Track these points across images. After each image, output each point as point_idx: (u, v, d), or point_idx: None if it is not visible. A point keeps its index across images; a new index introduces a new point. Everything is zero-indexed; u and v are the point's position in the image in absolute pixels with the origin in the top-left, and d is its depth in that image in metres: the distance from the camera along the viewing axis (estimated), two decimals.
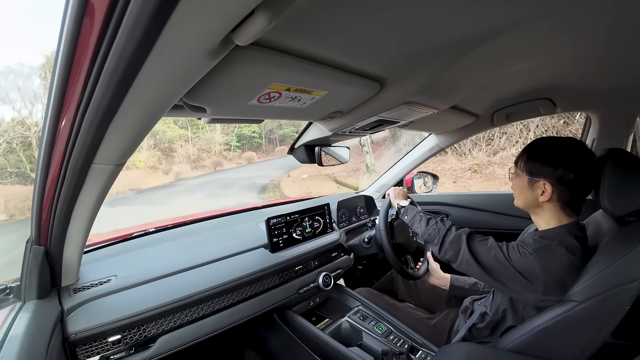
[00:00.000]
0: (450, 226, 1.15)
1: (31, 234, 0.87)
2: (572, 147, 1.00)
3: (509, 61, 0.95)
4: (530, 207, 1.08)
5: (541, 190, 1.01)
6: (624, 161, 0.96)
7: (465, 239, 1.07)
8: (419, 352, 1.34)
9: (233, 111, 0.85)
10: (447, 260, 1.11)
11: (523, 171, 1.05)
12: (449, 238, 1.10)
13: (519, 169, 1.08)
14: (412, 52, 0.79)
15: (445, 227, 1.15)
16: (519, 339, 0.99)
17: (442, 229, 1.14)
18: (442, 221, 1.18)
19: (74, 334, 0.91)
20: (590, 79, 1.20)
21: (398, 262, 1.51)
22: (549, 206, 1.03)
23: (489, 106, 1.56)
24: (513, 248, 1.00)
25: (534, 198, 1.03)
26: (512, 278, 0.97)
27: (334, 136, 1.40)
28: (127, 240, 1.38)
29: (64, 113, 0.54)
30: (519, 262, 0.96)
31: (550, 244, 0.96)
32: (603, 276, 0.89)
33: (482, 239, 1.07)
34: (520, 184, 1.07)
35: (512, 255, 0.98)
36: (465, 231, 1.10)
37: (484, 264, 1.01)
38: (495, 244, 1.03)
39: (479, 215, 2.07)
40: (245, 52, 0.60)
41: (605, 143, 1.55)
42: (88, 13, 0.38)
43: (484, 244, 1.04)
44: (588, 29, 0.77)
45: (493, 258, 1.00)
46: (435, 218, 1.21)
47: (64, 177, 0.67)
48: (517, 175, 1.08)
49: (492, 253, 1.01)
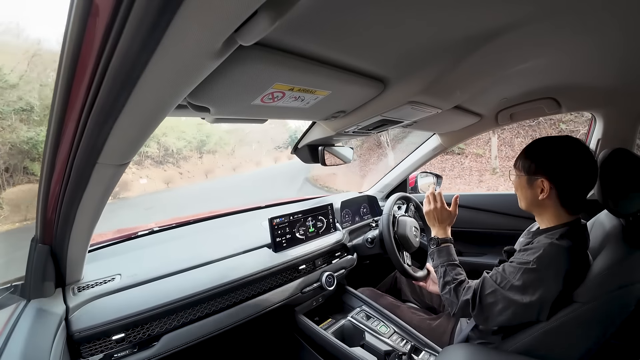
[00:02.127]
0: (460, 298, 1.08)
1: (36, 232, 0.87)
2: (568, 144, 1.00)
3: (513, 61, 0.95)
4: (532, 207, 1.08)
5: (540, 188, 1.02)
6: (628, 161, 0.96)
7: (470, 304, 1.04)
8: (422, 352, 1.33)
9: (236, 111, 0.85)
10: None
11: (521, 171, 1.07)
12: (460, 308, 1.08)
13: (517, 169, 1.09)
14: (415, 52, 0.79)
15: (457, 299, 1.09)
16: (522, 340, 0.98)
17: (455, 303, 1.09)
18: (456, 290, 1.11)
19: (78, 332, 0.91)
20: (595, 79, 1.19)
21: (400, 261, 1.50)
22: (550, 204, 1.03)
23: (493, 106, 1.56)
24: (513, 273, 0.98)
25: (534, 196, 1.04)
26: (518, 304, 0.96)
27: (337, 136, 1.40)
28: (132, 239, 1.39)
29: (69, 113, 0.54)
30: (523, 286, 0.95)
31: (551, 247, 0.95)
32: (607, 277, 0.89)
33: (487, 293, 1.02)
34: (520, 183, 1.08)
35: (515, 284, 0.96)
36: (469, 293, 1.06)
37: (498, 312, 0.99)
38: (494, 285, 1.01)
39: (481, 216, 2.07)
40: (249, 52, 0.60)
41: (610, 143, 1.54)
42: (92, 13, 0.39)
43: (491, 296, 1.01)
44: (593, 28, 0.77)
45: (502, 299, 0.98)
46: (452, 282, 1.13)
47: (69, 176, 0.68)
48: (516, 175, 1.09)
49: (499, 295, 0.99)
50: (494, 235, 2.01)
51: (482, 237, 2.07)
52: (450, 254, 1.23)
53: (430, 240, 1.30)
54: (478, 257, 2.06)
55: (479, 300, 1.02)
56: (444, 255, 1.22)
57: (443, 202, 1.34)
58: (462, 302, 1.06)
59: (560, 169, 0.99)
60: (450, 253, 1.23)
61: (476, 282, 1.07)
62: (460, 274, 1.16)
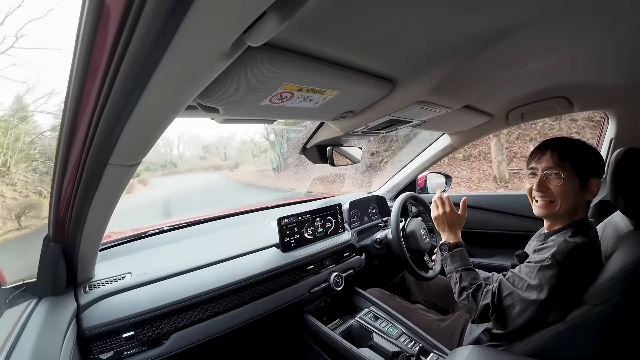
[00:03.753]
0: (479, 303, 1.05)
1: (48, 231, 0.89)
2: (586, 143, 1.02)
3: (523, 60, 0.93)
4: (572, 209, 1.02)
5: (590, 189, 0.99)
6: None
7: (490, 308, 1.02)
8: (430, 354, 1.32)
9: (246, 111, 0.86)
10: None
11: (574, 172, 0.99)
12: (479, 313, 1.05)
13: (567, 171, 0.99)
14: (424, 52, 0.79)
15: (477, 305, 1.06)
16: (532, 342, 0.97)
17: (474, 309, 1.06)
18: (474, 295, 1.08)
19: (88, 330, 0.93)
20: (607, 77, 1.17)
21: (409, 262, 1.50)
22: (583, 205, 1.02)
23: (503, 105, 1.54)
24: (530, 269, 0.97)
25: (584, 199, 1.01)
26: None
27: (345, 136, 1.39)
28: (142, 238, 1.41)
29: (81, 114, 0.55)
30: (539, 284, 0.93)
31: (566, 243, 0.94)
32: (619, 279, 0.87)
33: (505, 295, 1.00)
34: (571, 187, 0.99)
35: (532, 283, 0.95)
36: (487, 298, 1.03)
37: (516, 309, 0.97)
38: (511, 287, 0.99)
39: (490, 216, 2.05)
40: (258, 53, 0.60)
41: (623, 143, 1.51)
42: (104, 15, 0.39)
43: (508, 298, 0.99)
44: (605, 26, 0.75)
45: (519, 301, 0.96)
46: (469, 287, 1.10)
47: (81, 176, 0.69)
48: (566, 179, 0.99)
49: (516, 296, 0.97)
50: (505, 237, 1.99)
51: (492, 238, 2.05)
52: (464, 259, 1.20)
53: (442, 246, 1.27)
54: (488, 258, 2.04)
55: (497, 304, 1.00)
56: (458, 260, 1.19)
57: (452, 205, 1.31)
58: (481, 307, 1.03)
59: (602, 166, 1.00)
60: (464, 257, 1.20)
61: (493, 285, 1.04)
62: (476, 279, 1.13)
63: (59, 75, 13.78)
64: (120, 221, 1.15)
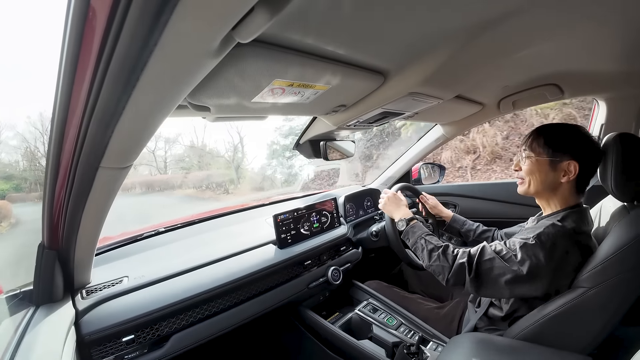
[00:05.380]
0: (454, 259, 1.07)
1: (42, 238, 0.88)
2: (578, 128, 1.03)
3: (513, 48, 0.94)
4: (544, 191, 1.07)
5: (563, 171, 1.01)
6: (633, 146, 0.95)
7: (467, 268, 1.02)
8: (430, 343, 1.34)
9: (237, 109, 0.85)
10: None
11: (543, 153, 1.04)
12: (454, 271, 1.05)
13: (534, 152, 1.05)
14: (415, 43, 0.79)
15: (449, 262, 1.07)
16: (529, 327, 0.98)
17: (447, 267, 1.07)
18: (445, 253, 1.10)
19: (88, 335, 0.92)
20: (597, 64, 1.18)
21: (405, 253, 1.50)
22: (565, 188, 1.03)
23: (494, 94, 1.55)
24: (515, 244, 0.99)
25: (555, 180, 1.03)
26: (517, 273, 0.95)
27: (338, 130, 1.39)
28: (138, 241, 1.40)
29: (70, 118, 0.54)
30: (522, 259, 0.95)
31: (553, 227, 0.96)
32: (613, 261, 0.89)
33: (486, 259, 1.01)
34: (540, 167, 1.05)
35: (514, 254, 0.97)
36: (464, 257, 1.05)
37: (493, 276, 0.99)
38: (493, 253, 1.01)
39: (486, 205, 2.06)
40: (248, 50, 0.60)
41: (613, 128, 1.52)
42: (90, 17, 0.38)
43: (488, 262, 1.00)
44: (594, 13, 0.76)
45: (499, 267, 0.98)
46: (437, 248, 1.12)
47: (73, 181, 0.68)
48: (535, 158, 1.05)
49: (496, 262, 0.99)
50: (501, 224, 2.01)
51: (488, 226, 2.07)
52: (422, 228, 1.25)
53: (399, 223, 1.33)
54: None
55: (475, 265, 1.01)
56: (417, 230, 1.24)
57: (392, 192, 1.46)
58: (457, 265, 1.04)
59: (587, 150, 1.00)
60: (422, 227, 1.25)
61: (473, 249, 1.06)
62: (439, 241, 1.15)
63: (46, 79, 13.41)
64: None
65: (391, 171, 2.34)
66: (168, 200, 10.47)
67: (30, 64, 19.16)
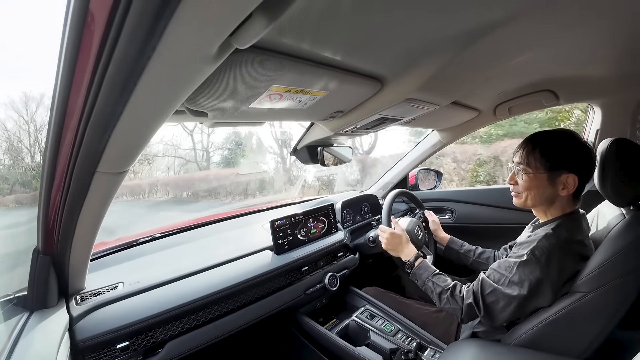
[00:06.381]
0: (462, 300, 1.06)
1: (37, 243, 0.87)
2: (573, 136, 1.01)
3: (509, 54, 0.95)
4: (542, 204, 1.05)
5: (562, 184, 0.99)
6: (629, 151, 0.96)
7: (475, 307, 1.03)
8: (427, 349, 1.33)
9: (235, 114, 0.85)
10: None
11: (540, 168, 1.01)
12: (466, 312, 1.06)
13: (531, 167, 1.03)
14: (412, 49, 0.79)
15: (459, 304, 1.07)
16: (526, 332, 0.98)
17: (458, 309, 1.07)
18: (453, 295, 1.09)
19: (82, 342, 0.91)
20: (592, 69, 1.20)
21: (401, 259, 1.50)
22: (563, 198, 1.02)
23: (490, 100, 1.56)
24: (511, 266, 0.99)
25: (553, 194, 1.02)
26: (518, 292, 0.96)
27: (335, 136, 1.39)
28: (133, 247, 1.39)
29: (67, 122, 0.54)
30: (520, 280, 0.96)
31: (546, 238, 0.96)
32: (609, 266, 0.89)
33: (488, 293, 1.02)
34: (537, 182, 1.02)
35: (512, 279, 0.97)
36: (469, 297, 1.05)
37: (500, 303, 0.99)
38: (493, 284, 1.01)
39: (483, 210, 2.07)
40: (245, 56, 0.60)
41: (609, 133, 1.54)
42: (88, 21, 0.38)
43: (491, 295, 1.01)
44: (589, 19, 0.77)
45: (502, 297, 0.98)
46: (445, 291, 1.11)
47: (69, 186, 0.68)
48: (533, 174, 1.03)
49: (499, 293, 0.99)
50: (498, 230, 2.01)
51: (485, 231, 2.08)
52: (428, 267, 1.22)
53: (404, 265, 1.31)
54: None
55: (482, 302, 1.02)
56: (424, 272, 1.22)
57: (390, 229, 1.39)
58: (465, 306, 1.05)
59: (584, 161, 0.99)
60: (428, 266, 1.23)
61: (474, 283, 1.06)
62: (447, 280, 1.15)
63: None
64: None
65: (388, 177, 2.34)
66: None
67: (30, 63, 19.07)
